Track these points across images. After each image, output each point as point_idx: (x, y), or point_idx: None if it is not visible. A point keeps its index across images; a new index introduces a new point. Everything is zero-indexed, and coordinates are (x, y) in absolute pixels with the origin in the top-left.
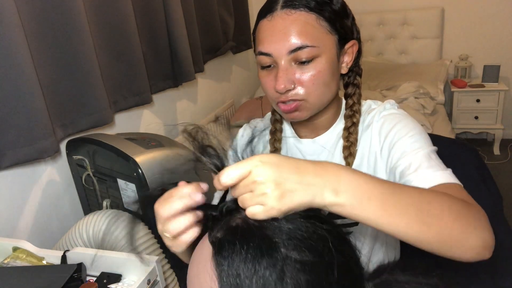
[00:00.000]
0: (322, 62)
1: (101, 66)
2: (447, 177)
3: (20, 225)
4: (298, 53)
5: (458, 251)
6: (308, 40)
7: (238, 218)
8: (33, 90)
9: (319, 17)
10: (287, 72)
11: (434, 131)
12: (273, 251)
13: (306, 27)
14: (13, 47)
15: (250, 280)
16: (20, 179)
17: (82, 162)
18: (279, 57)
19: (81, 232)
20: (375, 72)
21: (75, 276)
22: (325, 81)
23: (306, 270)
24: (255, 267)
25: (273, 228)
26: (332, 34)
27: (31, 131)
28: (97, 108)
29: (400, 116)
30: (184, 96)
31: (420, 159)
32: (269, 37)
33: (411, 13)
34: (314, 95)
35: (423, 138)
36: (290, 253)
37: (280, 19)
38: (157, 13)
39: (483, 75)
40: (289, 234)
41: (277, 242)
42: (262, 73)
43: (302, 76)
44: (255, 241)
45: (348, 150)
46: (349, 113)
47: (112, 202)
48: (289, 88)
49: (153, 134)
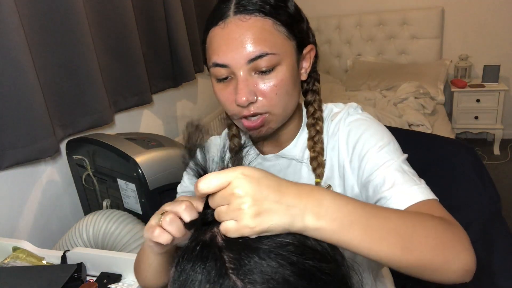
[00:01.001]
0: (283, 70)
1: (101, 66)
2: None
3: (20, 225)
4: (257, 62)
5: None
6: (267, 47)
7: (209, 232)
8: (33, 90)
9: (276, 22)
10: (247, 84)
11: (434, 131)
12: (220, 277)
13: (264, 34)
14: (13, 47)
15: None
16: (20, 179)
17: (82, 162)
18: (237, 68)
19: (81, 232)
20: (375, 72)
21: (75, 276)
22: (288, 90)
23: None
24: (200, 287)
25: (236, 254)
26: (291, 40)
27: (31, 131)
28: (97, 108)
29: (366, 122)
30: (184, 96)
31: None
32: (224, 46)
33: (411, 13)
34: (278, 106)
35: (392, 146)
36: (243, 285)
37: (234, 26)
38: (157, 13)
39: (483, 75)
40: (251, 267)
41: (230, 268)
42: (218, 86)
43: (264, 86)
44: (207, 261)
45: (316, 160)
46: (311, 121)
47: (112, 202)
48: (252, 101)
49: (153, 134)
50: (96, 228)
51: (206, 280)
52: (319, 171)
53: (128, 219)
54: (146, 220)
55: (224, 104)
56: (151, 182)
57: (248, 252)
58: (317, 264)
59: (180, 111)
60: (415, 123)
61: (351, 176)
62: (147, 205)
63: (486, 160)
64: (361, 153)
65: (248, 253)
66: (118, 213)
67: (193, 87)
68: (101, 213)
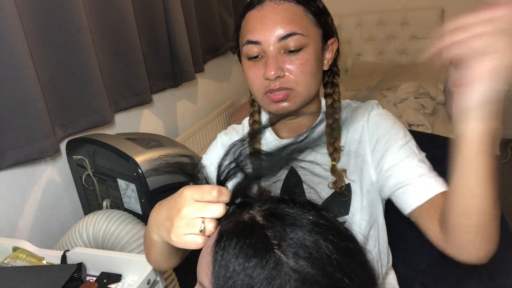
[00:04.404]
0: (309, 52)
1: (101, 66)
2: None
3: (20, 225)
4: (287, 40)
5: (476, 247)
6: (297, 28)
7: (248, 214)
8: (33, 90)
9: (306, 9)
10: (276, 59)
11: (434, 131)
12: (266, 253)
13: (295, 17)
14: (13, 47)
15: (238, 275)
16: (20, 179)
17: (82, 162)
18: (268, 45)
19: (81, 232)
20: (375, 72)
21: (75, 276)
22: (312, 70)
23: (300, 280)
24: (245, 264)
25: (277, 231)
26: (318, 28)
27: (31, 131)
28: (97, 108)
29: (391, 119)
30: (184, 96)
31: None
32: (258, 25)
33: (411, 13)
34: (302, 84)
35: (413, 143)
36: (287, 259)
37: (270, 8)
38: (157, 13)
39: None
40: (292, 240)
41: (274, 244)
42: (247, 64)
43: (290, 64)
44: (252, 238)
45: (333, 146)
46: (330, 110)
47: (112, 202)
48: (279, 75)
49: (153, 134)
50: (96, 228)
51: (252, 255)
52: (336, 155)
53: (128, 219)
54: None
55: (252, 80)
56: (151, 182)
57: (290, 228)
58: (351, 245)
59: (180, 111)
60: (415, 123)
61: (371, 164)
62: (147, 205)
63: None
64: (386, 146)
65: (290, 229)
66: (118, 213)
67: (193, 87)
68: (101, 213)
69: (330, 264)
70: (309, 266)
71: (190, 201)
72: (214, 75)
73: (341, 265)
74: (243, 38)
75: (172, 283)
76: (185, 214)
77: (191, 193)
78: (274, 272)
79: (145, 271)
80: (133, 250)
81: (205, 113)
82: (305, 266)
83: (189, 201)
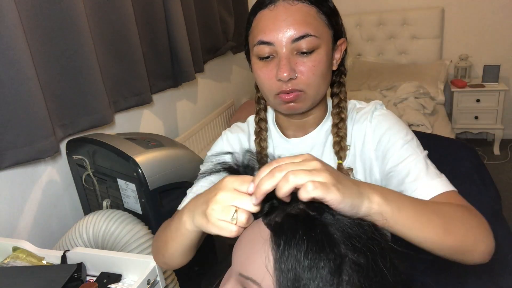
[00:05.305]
0: (321, 54)
1: (101, 66)
2: (445, 184)
3: (20, 225)
4: (300, 42)
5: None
6: (310, 29)
7: (297, 208)
8: (33, 90)
9: (319, 10)
10: (289, 61)
11: (434, 131)
12: (334, 247)
13: (308, 18)
14: (13, 47)
15: (308, 271)
16: (20, 179)
17: (82, 162)
18: (281, 46)
19: (81, 232)
20: (375, 72)
21: (75, 276)
22: (323, 72)
23: (361, 272)
24: (315, 259)
25: (334, 224)
26: (329, 29)
27: (31, 131)
28: (97, 108)
29: (394, 118)
30: (184, 96)
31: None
32: (271, 25)
33: (411, 13)
34: (313, 86)
35: (416, 142)
36: (348, 252)
37: (283, 8)
38: (157, 13)
39: (483, 75)
40: (348, 233)
41: (337, 239)
42: (258, 64)
43: (303, 66)
44: (317, 233)
45: (339, 144)
46: (336, 110)
47: (112, 202)
48: (292, 77)
49: (153, 134)
50: (96, 228)
51: (319, 250)
52: (342, 154)
53: (128, 219)
54: (146, 220)
55: (263, 81)
56: (151, 182)
57: (346, 223)
58: (387, 245)
59: (180, 111)
60: (415, 123)
61: (374, 163)
62: (147, 205)
63: (486, 160)
64: (388, 145)
65: (347, 224)
66: (118, 213)
67: (193, 87)
68: (101, 213)
69: (382, 255)
70: (365, 259)
71: (228, 188)
72: (214, 75)
73: (386, 256)
74: (255, 38)
75: (172, 283)
76: (220, 199)
77: (231, 180)
78: (341, 265)
79: (145, 271)
80: (133, 250)
81: (205, 113)
82: (362, 259)
83: (227, 188)
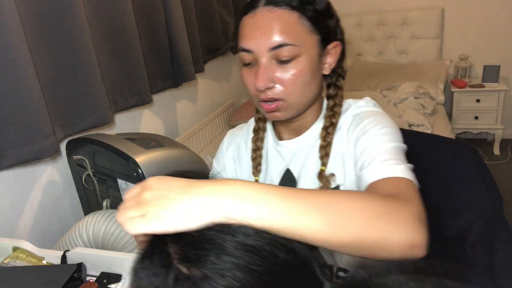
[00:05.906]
0: (302, 62)
1: (101, 66)
2: (397, 171)
3: (20, 225)
4: (278, 51)
5: (380, 251)
6: (289, 38)
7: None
8: (33, 90)
9: (301, 16)
10: (267, 70)
11: (434, 131)
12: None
13: (288, 26)
14: (13, 47)
15: None
16: (20, 179)
17: (82, 162)
18: (259, 54)
19: (81, 232)
20: (375, 72)
21: (75, 276)
22: (305, 81)
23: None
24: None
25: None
26: (314, 34)
27: (31, 131)
28: (97, 108)
29: (371, 113)
30: (184, 96)
31: (378, 152)
32: (251, 33)
33: (411, 13)
34: (293, 95)
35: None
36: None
37: (262, 15)
38: (157, 13)
39: (483, 75)
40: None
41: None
42: (243, 70)
43: (282, 75)
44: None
45: (325, 150)
46: (329, 113)
47: (112, 202)
48: (269, 86)
49: (153, 134)
50: (96, 228)
51: (152, 273)
52: (325, 160)
53: None
54: None
55: (248, 86)
56: None
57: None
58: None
59: (180, 111)
60: (415, 123)
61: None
62: None
63: (486, 160)
64: (358, 136)
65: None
66: None
67: (193, 87)
68: (101, 213)
69: None
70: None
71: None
72: (214, 75)
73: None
74: (239, 44)
75: None
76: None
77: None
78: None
79: None
80: (133, 250)
81: (205, 113)
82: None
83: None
